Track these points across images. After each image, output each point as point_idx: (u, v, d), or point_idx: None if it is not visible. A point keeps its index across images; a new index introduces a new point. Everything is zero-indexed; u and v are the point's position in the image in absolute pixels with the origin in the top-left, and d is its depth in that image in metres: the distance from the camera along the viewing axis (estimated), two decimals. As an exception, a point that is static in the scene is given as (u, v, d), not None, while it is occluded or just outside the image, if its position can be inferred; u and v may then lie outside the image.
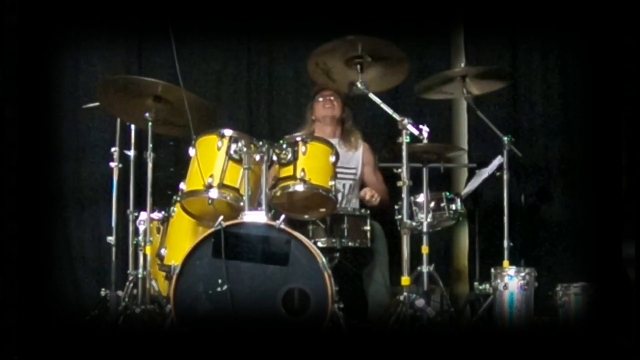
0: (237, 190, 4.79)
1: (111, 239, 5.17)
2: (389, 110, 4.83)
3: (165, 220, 5.22)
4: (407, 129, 4.69)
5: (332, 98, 5.60)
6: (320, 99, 5.62)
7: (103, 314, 4.90)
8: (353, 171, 5.55)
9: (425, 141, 4.75)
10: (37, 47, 5.93)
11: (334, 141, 5.30)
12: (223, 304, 4.46)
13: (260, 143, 4.80)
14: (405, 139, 4.70)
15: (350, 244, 5.06)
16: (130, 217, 4.93)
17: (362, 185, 5.67)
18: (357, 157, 5.62)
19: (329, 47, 4.94)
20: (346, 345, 4.49)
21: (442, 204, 5.15)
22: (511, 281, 4.68)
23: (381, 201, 5.46)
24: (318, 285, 4.47)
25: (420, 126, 4.71)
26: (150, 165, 4.81)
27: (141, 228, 4.80)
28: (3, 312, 4.90)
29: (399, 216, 4.91)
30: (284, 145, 4.84)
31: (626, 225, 5.20)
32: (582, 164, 5.96)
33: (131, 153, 5.02)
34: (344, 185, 5.41)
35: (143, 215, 4.82)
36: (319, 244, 4.93)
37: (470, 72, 5.24)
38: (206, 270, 4.50)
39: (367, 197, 5.43)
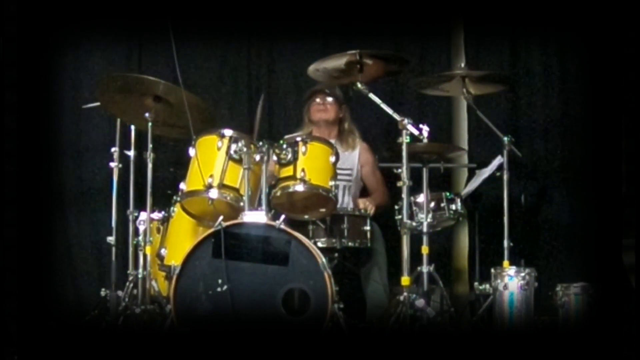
0: (237, 190, 4.79)
1: (111, 239, 5.17)
2: (389, 110, 4.83)
3: (165, 220, 5.22)
4: (407, 129, 4.69)
5: (325, 101, 5.55)
6: (314, 103, 5.58)
7: (103, 314, 4.90)
8: (348, 172, 5.50)
9: (425, 141, 4.75)
10: (37, 47, 5.93)
11: None
12: (223, 304, 4.46)
13: (260, 143, 4.80)
14: (405, 139, 4.70)
15: (350, 244, 5.06)
16: (130, 217, 4.93)
17: (362, 186, 5.67)
18: (353, 157, 5.59)
19: (328, 59, 4.99)
20: (346, 345, 4.49)
21: (442, 204, 5.14)
22: (511, 281, 4.68)
23: (379, 205, 5.39)
24: (318, 285, 4.47)
25: (421, 126, 4.71)
26: (150, 165, 4.81)
27: (141, 228, 4.80)
28: (3, 312, 4.90)
29: (399, 216, 4.90)
30: (284, 145, 4.84)
31: (626, 222, 5.21)
32: (582, 163, 5.96)
33: (131, 153, 5.02)
34: (337, 187, 5.35)
35: (143, 215, 4.82)
36: (319, 244, 4.93)
37: (471, 75, 5.24)
38: (206, 271, 4.51)
39: (360, 207, 5.30)
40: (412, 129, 4.69)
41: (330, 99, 5.56)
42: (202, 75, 6.14)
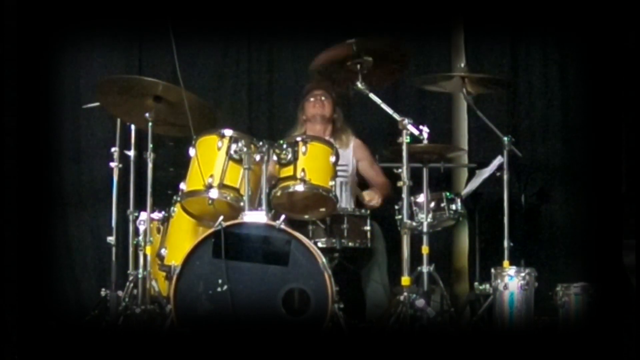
0: (237, 190, 4.79)
1: (111, 239, 5.17)
2: (389, 111, 4.83)
3: (165, 220, 5.22)
4: (407, 129, 4.70)
5: (322, 98, 5.59)
6: (311, 99, 5.61)
7: (103, 314, 4.90)
8: (344, 168, 5.48)
9: (425, 141, 4.75)
10: (37, 47, 5.94)
11: None
12: (223, 304, 4.46)
13: (260, 143, 4.80)
14: (405, 139, 4.70)
15: (350, 244, 5.06)
16: (130, 217, 4.92)
17: (359, 182, 5.67)
18: (347, 154, 5.60)
19: (328, 55, 4.96)
20: (346, 345, 4.49)
21: (442, 204, 5.14)
22: (511, 281, 4.68)
23: (383, 196, 5.41)
24: (318, 285, 4.47)
25: (421, 126, 4.72)
26: (150, 165, 4.81)
27: (141, 228, 4.80)
28: (3, 312, 4.90)
29: (399, 216, 4.91)
30: (284, 145, 4.84)
31: (626, 222, 5.21)
32: (582, 163, 5.96)
33: (131, 153, 5.02)
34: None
35: (143, 215, 4.82)
36: (319, 244, 4.93)
37: (470, 77, 5.23)
38: (206, 270, 4.51)
39: (366, 200, 5.37)
40: (412, 129, 4.69)
41: (325, 96, 5.59)
42: (202, 75, 6.14)
